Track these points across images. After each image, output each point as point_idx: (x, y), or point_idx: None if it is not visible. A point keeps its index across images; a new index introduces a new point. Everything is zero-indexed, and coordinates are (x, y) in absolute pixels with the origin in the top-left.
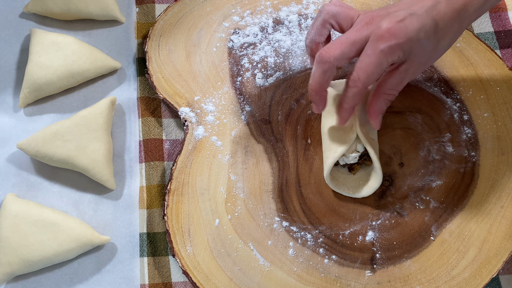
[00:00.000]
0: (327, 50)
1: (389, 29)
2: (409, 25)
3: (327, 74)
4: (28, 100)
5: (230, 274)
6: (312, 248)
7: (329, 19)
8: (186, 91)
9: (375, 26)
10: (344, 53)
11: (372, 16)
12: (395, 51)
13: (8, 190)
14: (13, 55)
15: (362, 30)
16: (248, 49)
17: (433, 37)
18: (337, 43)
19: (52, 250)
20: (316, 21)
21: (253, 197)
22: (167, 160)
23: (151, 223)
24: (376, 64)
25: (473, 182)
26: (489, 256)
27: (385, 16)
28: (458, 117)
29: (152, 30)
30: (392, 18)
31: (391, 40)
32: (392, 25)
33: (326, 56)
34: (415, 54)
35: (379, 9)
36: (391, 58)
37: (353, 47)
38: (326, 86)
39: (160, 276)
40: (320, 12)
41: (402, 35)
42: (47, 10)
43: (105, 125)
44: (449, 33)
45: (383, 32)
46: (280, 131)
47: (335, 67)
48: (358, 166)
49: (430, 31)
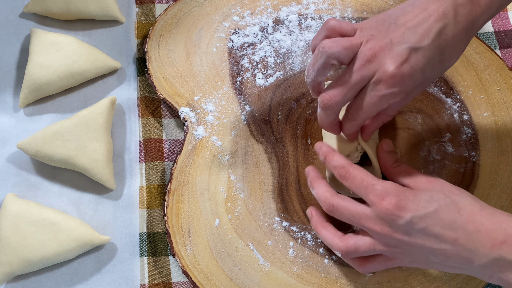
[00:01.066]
0: (328, 97)
1: (394, 75)
2: (414, 65)
3: (332, 116)
4: (28, 100)
5: (230, 274)
6: (312, 248)
7: (330, 61)
8: (186, 91)
9: (378, 67)
10: (345, 98)
11: (374, 50)
12: (397, 95)
13: (8, 190)
14: (13, 55)
15: (364, 70)
16: (248, 49)
17: (438, 66)
18: (338, 89)
19: (52, 250)
20: (317, 62)
21: (253, 197)
22: (167, 160)
23: (151, 223)
24: (376, 105)
25: (473, 182)
26: None
27: (388, 50)
28: (458, 117)
29: (152, 30)
30: (396, 57)
31: (394, 87)
32: (397, 70)
33: (329, 103)
34: (418, 85)
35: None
36: (392, 100)
37: (354, 89)
38: (335, 123)
39: (160, 276)
40: (321, 53)
41: (407, 79)
42: (47, 10)
43: (105, 125)
44: (455, 54)
45: (387, 78)
46: (280, 131)
47: (340, 108)
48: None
49: (436, 63)
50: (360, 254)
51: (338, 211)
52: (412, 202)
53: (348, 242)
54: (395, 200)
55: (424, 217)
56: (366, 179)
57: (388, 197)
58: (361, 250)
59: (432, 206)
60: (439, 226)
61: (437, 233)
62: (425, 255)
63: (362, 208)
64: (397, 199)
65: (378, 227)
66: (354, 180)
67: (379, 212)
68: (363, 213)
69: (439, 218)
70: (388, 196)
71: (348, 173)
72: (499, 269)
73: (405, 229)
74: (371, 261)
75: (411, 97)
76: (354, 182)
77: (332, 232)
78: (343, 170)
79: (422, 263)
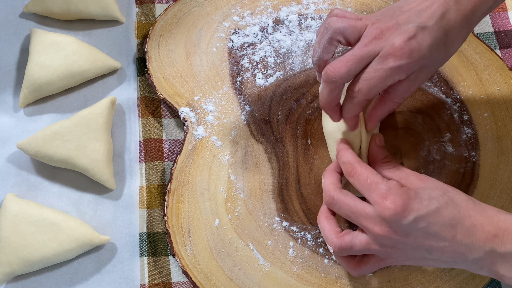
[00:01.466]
0: (332, 69)
1: (402, 48)
2: (421, 41)
3: (335, 92)
4: (28, 100)
5: (230, 274)
6: (312, 248)
7: (336, 36)
8: (186, 91)
9: (385, 42)
10: (350, 71)
11: (381, 29)
12: (405, 70)
13: (8, 190)
14: (13, 55)
15: (371, 45)
16: (248, 49)
17: (443, 48)
18: (344, 61)
19: (52, 250)
20: (323, 38)
21: (253, 197)
22: (167, 160)
23: (151, 223)
24: (382, 79)
25: (473, 182)
26: None
27: (395, 29)
28: (458, 117)
29: (152, 30)
30: (404, 34)
31: (402, 59)
32: (405, 43)
33: (332, 75)
34: (425, 66)
35: (385, 16)
36: (398, 76)
37: (360, 63)
38: (336, 101)
39: (160, 276)
40: (326, 29)
41: (415, 54)
42: (47, 10)
43: (105, 125)
44: (458, 40)
45: (395, 50)
46: (280, 131)
47: (343, 84)
48: None
49: (441, 44)
50: (354, 252)
51: (337, 205)
52: (414, 201)
53: (344, 239)
54: (398, 200)
55: (426, 216)
56: (371, 177)
57: (392, 197)
58: (356, 248)
59: (433, 205)
60: (439, 224)
61: (436, 231)
62: (421, 253)
63: (363, 205)
64: (401, 199)
65: (377, 227)
66: (359, 177)
67: (381, 211)
68: (363, 211)
69: (440, 216)
70: (391, 196)
71: (354, 170)
72: (490, 262)
73: (406, 229)
74: (364, 262)
75: (416, 83)
76: (359, 180)
77: (332, 226)
78: (349, 167)
79: (416, 261)
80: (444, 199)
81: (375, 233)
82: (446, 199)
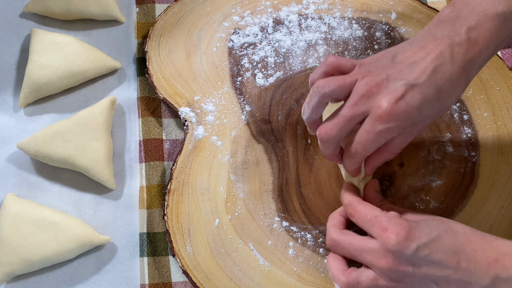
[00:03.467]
0: (324, 130)
1: (389, 111)
2: (410, 101)
3: (331, 149)
4: (28, 100)
5: (230, 274)
6: (312, 248)
7: (324, 100)
8: (186, 91)
9: (373, 103)
10: (341, 131)
11: (370, 85)
12: (394, 131)
13: (8, 190)
14: (13, 55)
15: (359, 105)
16: (248, 49)
17: (436, 104)
18: (335, 123)
19: (52, 250)
20: (311, 101)
21: (253, 197)
22: (167, 160)
23: (151, 223)
24: (373, 141)
25: (473, 182)
26: None
27: (384, 87)
28: (458, 117)
29: (152, 30)
30: (392, 94)
31: (390, 122)
32: (392, 106)
33: (325, 137)
34: (417, 122)
35: (377, 67)
36: (389, 136)
37: (350, 123)
38: (336, 153)
39: (160, 276)
40: (315, 93)
41: (403, 116)
42: (47, 10)
43: (105, 125)
44: (455, 93)
45: (382, 114)
46: (280, 131)
47: (338, 141)
48: None
49: (433, 101)
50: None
51: (340, 246)
52: (415, 230)
53: (350, 275)
54: (400, 229)
55: (428, 243)
56: (370, 212)
57: (393, 227)
58: (363, 284)
59: (433, 233)
60: (442, 251)
61: (440, 259)
62: (428, 285)
63: (365, 241)
64: (402, 228)
65: (382, 261)
66: (359, 215)
67: (384, 242)
68: (366, 246)
69: (441, 243)
70: (392, 226)
71: (354, 209)
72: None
73: (410, 258)
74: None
75: (413, 135)
76: (360, 217)
77: (338, 265)
78: (350, 208)
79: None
80: (442, 227)
81: (381, 267)
82: (444, 227)
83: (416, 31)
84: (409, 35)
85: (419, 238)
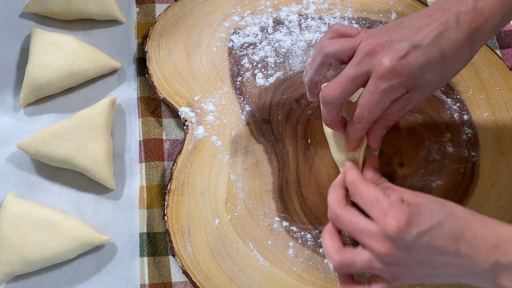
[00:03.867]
0: (328, 91)
1: (391, 68)
2: (412, 61)
3: (333, 112)
4: (28, 100)
5: (230, 274)
6: (312, 248)
7: (328, 60)
8: (186, 91)
9: (376, 61)
10: (345, 92)
11: (373, 45)
12: (397, 89)
13: (8, 190)
14: (13, 55)
15: (362, 65)
16: (248, 49)
17: (439, 69)
18: (338, 82)
19: (52, 250)
20: (315, 61)
21: (253, 197)
22: (167, 160)
23: (151, 223)
24: (378, 102)
25: (473, 182)
26: None
27: (387, 47)
28: (458, 117)
29: (152, 30)
30: (395, 53)
31: (392, 80)
32: (394, 63)
33: (328, 98)
34: (419, 86)
35: (382, 31)
36: (393, 95)
37: (353, 83)
38: (338, 119)
39: (160, 276)
40: (319, 52)
41: (405, 73)
42: (47, 10)
43: (105, 125)
44: (458, 61)
45: (385, 71)
46: (280, 131)
47: (341, 104)
48: None
49: (436, 64)
50: (355, 269)
51: (341, 222)
52: (416, 216)
53: (345, 255)
54: (401, 215)
55: (428, 230)
56: (372, 195)
57: (393, 212)
58: (357, 265)
59: (434, 219)
60: (442, 237)
61: (440, 245)
62: (425, 269)
63: (366, 223)
64: (403, 214)
65: (380, 245)
66: (361, 196)
67: (383, 228)
68: (366, 228)
69: (441, 229)
70: (393, 211)
71: (356, 189)
72: (494, 274)
73: (409, 245)
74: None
75: (412, 103)
76: (362, 198)
77: (334, 243)
78: (353, 186)
79: (419, 279)
80: (444, 212)
81: (378, 251)
82: (446, 212)
83: None
84: None
85: (420, 224)
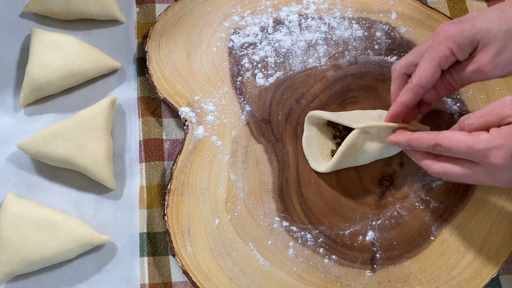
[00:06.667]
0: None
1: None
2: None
3: (421, 91)
4: (29, 99)
5: (230, 274)
6: (312, 248)
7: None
8: (186, 91)
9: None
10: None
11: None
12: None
13: (8, 190)
14: (13, 55)
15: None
16: (248, 49)
17: None
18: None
19: (52, 250)
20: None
21: (253, 197)
22: (167, 160)
23: (151, 223)
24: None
25: None
26: (489, 256)
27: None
28: (458, 117)
29: (152, 30)
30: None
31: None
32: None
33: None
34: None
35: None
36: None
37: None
38: (416, 100)
39: (160, 276)
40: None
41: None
42: (47, 10)
43: (105, 125)
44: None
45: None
46: (280, 131)
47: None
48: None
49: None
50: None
51: (445, 145)
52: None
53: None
54: (502, 153)
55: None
56: (461, 140)
57: (494, 151)
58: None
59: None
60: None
61: None
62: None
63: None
64: (506, 150)
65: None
66: (450, 150)
67: (490, 167)
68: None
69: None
70: (493, 151)
71: (440, 146)
72: None
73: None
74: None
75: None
76: (452, 151)
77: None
78: (431, 138)
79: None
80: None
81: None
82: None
83: (416, 31)
84: (410, 35)
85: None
